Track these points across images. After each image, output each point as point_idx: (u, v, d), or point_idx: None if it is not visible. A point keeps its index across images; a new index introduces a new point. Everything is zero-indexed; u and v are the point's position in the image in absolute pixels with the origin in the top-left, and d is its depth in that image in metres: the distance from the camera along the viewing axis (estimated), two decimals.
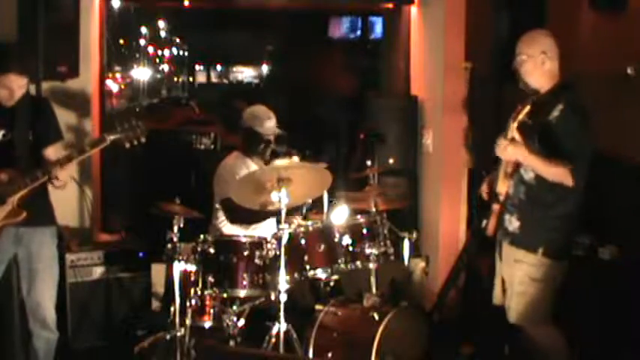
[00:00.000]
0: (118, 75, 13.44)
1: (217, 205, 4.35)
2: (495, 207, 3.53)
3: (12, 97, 3.56)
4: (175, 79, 22.86)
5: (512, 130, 3.30)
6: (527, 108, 3.25)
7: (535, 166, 3.31)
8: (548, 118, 3.30)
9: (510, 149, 3.31)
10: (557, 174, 3.25)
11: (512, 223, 3.48)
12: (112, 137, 3.53)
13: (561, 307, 3.49)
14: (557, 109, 3.29)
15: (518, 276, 3.45)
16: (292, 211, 4.18)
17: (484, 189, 3.66)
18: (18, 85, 3.54)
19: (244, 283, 3.69)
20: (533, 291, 3.41)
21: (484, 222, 3.60)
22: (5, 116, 3.57)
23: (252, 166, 4.37)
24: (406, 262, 4.19)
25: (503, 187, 3.49)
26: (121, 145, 3.58)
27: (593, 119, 3.33)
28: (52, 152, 3.69)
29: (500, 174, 3.50)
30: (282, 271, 3.54)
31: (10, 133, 3.57)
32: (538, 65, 3.42)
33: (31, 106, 3.66)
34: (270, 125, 4.37)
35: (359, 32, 10.13)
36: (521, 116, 3.26)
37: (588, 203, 3.41)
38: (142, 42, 17.92)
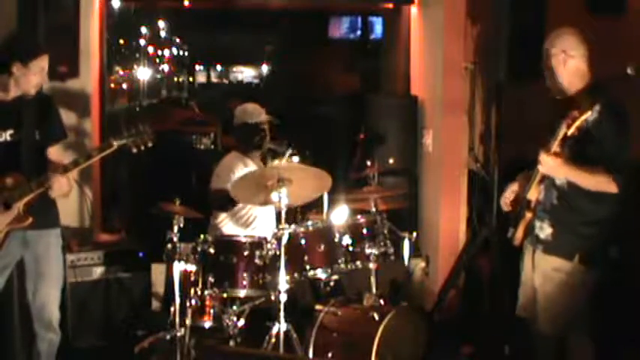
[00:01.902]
0: (118, 75, 13.44)
1: None
2: (528, 215, 3.39)
3: (43, 81, 3.60)
4: (175, 79, 22.83)
5: (557, 145, 3.12)
6: (586, 115, 3.03)
7: (579, 179, 3.16)
8: (585, 122, 3.12)
9: (555, 166, 3.15)
10: (601, 184, 3.12)
11: (544, 230, 3.33)
12: (119, 143, 3.53)
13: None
14: (595, 111, 3.12)
15: (555, 284, 3.30)
16: (310, 208, 4.23)
17: (507, 198, 3.53)
18: (47, 67, 3.58)
19: (244, 283, 3.69)
20: (569, 299, 3.29)
21: (510, 230, 3.47)
22: (12, 115, 3.55)
23: (251, 164, 4.39)
24: (406, 262, 4.19)
25: (535, 193, 3.37)
26: (127, 150, 3.58)
27: None
28: (55, 151, 3.69)
29: (535, 180, 3.34)
30: (282, 271, 3.55)
31: (17, 134, 3.56)
32: (560, 64, 3.30)
33: (37, 104, 3.65)
34: (261, 115, 4.43)
35: (359, 32, 10.14)
36: (578, 123, 3.03)
37: (619, 206, 3.29)
38: (142, 42, 17.91)
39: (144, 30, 17.63)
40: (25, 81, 3.52)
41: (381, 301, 3.82)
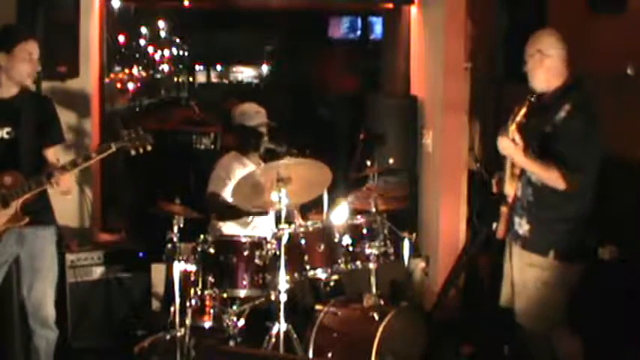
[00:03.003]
0: (117, 75, 13.44)
1: None
2: (504, 209, 3.49)
3: (35, 69, 3.54)
4: (175, 79, 22.85)
5: (512, 132, 3.25)
6: (524, 109, 3.21)
7: (529, 168, 3.29)
8: (554, 119, 3.27)
9: (509, 148, 3.27)
10: (550, 177, 3.22)
11: (522, 226, 3.43)
12: (118, 145, 3.54)
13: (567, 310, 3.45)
14: (564, 110, 3.25)
15: (531, 280, 3.39)
16: (309, 208, 4.22)
17: (494, 188, 3.62)
18: (37, 55, 3.53)
19: (244, 283, 3.69)
20: (545, 294, 3.36)
21: (494, 224, 3.56)
22: (10, 113, 3.54)
23: (249, 164, 4.39)
24: (406, 262, 4.18)
25: (511, 188, 3.46)
26: (126, 153, 3.59)
27: None
28: (53, 154, 3.69)
29: (507, 175, 3.46)
30: (282, 271, 3.54)
31: (14, 131, 3.56)
32: (537, 64, 3.38)
33: (36, 103, 3.65)
34: (259, 118, 4.41)
35: (359, 32, 10.15)
36: (518, 118, 3.22)
37: (593, 204, 3.35)
38: (142, 42, 17.94)
39: (144, 30, 17.66)
40: (15, 71, 3.49)
41: (381, 301, 3.82)
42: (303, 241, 3.72)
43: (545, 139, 3.28)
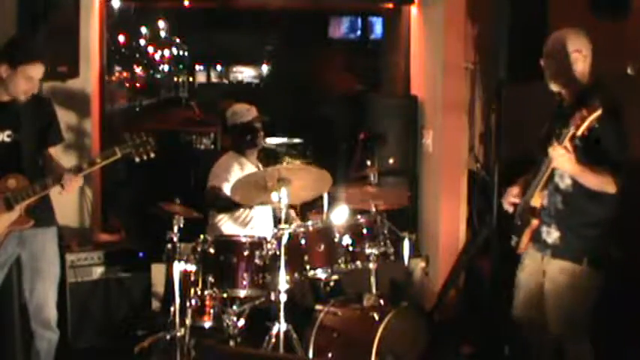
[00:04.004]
0: (117, 75, 13.45)
1: None
2: (534, 222, 3.36)
3: (33, 89, 3.53)
4: (175, 79, 22.84)
5: (568, 140, 3.04)
6: (597, 114, 2.95)
7: (582, 176, 3.15)
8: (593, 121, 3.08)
9: (563, 157, 3.07)
10: (602, 183, 3.13)
11: (552, 235, 3.33)
12: (123, 151, 3.55)
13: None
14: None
15: (563, 287, 3.30)
16: (310, 208, 4.22)
17: (510, 200, 3.50)
18: (40, 76, 3.52)
19: (244, 283, 3.69)
20: (579, 301, 3.30)
21: (514, 239, 3.46)
22: (11, 115, 3.54)
23: (247, 164, 4.40)
24: (406, 262, 4.18)
25: (539, 200, 3.33)
26: (130, 159, 3.59)
27: None
28: (53, 154, 3.70)
29: (538, 187, 3.31)
30: (282, 271, 3.54)
31: (15, 134, 3.55)
32: (574, 62, 3.26)
33: (36, 106, 3.64)
34: (251, 114, 4.46)
35: (359, 32, 10.13)
36: (588, 123, 2.96)
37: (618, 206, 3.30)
38: (142, 42, 17.93)
39: (144, 30, 17.65)
40: (13, 86, 3.47)
41: (381, 301, 3.82)
42: (303, 241, 3.72)
43: (579, 143, 3.11)
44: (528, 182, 3.41)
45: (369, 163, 4.74)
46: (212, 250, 3.72)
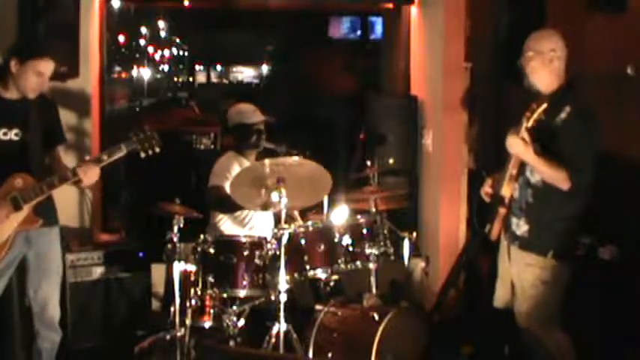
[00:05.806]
0: (118, 75, 13.44)
1: None
2: (502, 211, 3.48)
3: (42, 86, 3.52)
4: (175, 79, 22.82)
5: (523, 131, 3.23)
6: (542, 108, 3.18)
7: (538, 166, 3.27)
8: (554, 120, 3.27)
9: (518, 146, 3.26)
10: (558, 177, 3.23)
11: (521, 227, 3.44)
12: (128, 147, 3.54)
13: (562, 308, 3.48)
14: (565, 112, 3.25)
15: (530, 279, 3.41)
16: (310, 208, 4.22)
17: (486, 190, 3.61)
18: (49, 73, 3.52)
19: (244, 283, 3.69)
20: (545, 294, 3.38)
21: (487, 226, 3.55)
22: (19, 114, 3.53)
23: (247, 164, 4.38)
24: (406, 262, 4.19)
25: (508, 190, 3.45)
26: (136, 155, 3.58)
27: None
28: (55, 154, 3.70)
29: (506, 177, 3.45)
30: (282, 271, 3.54)
31: (23, 133, 3.54)
32: (546, 63, 3.36)
33: (42, 105, 3.64)
34: (257, 116, 4.43)
35: (359, 32, 10.13)
36: (536, 116, 3.19)
37: (588, 203, 3.39)
38: (142, 42, 17.92)
39: (144, 30, 17.65)
40: (23, 81, 3.48)
41: (381, 301, 3.82)
42: (303, 241, 3.72)
43: (545, 140, 3.27)
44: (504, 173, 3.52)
45: (369, 163, 4.74)
46: (212, 250, 3.73)
